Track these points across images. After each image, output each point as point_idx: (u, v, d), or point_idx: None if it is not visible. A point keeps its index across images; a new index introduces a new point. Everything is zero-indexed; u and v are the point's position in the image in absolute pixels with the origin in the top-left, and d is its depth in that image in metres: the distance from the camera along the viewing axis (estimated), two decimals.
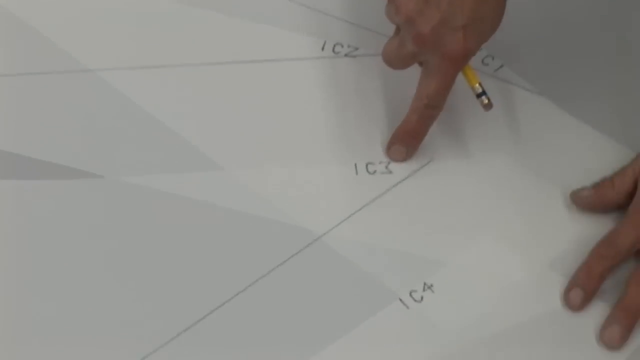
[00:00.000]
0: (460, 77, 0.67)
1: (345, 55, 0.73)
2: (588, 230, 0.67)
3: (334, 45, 0.74)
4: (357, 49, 0.73)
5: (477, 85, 0.67)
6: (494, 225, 0.67)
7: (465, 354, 0.62)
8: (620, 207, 0.67)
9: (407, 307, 0.63)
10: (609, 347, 0.63)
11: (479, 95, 0.68)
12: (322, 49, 0.74)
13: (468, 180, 0.69)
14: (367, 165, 0.69)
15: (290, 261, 0.65)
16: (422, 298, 0.64)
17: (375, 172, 0.69)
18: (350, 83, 0.73)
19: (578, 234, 0.67)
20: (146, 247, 0.65)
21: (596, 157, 0.70)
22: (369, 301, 0.63)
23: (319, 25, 0.75)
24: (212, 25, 0.76)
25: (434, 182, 0.69)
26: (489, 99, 0.67)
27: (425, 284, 0.64)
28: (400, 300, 0.63)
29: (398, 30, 0.67)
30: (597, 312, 0.64)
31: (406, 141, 0.69)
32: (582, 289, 0.65)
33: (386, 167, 0.69)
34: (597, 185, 0.68)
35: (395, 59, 0.68)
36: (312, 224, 0.67)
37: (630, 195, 0.67)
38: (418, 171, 0.69)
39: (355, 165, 0.69)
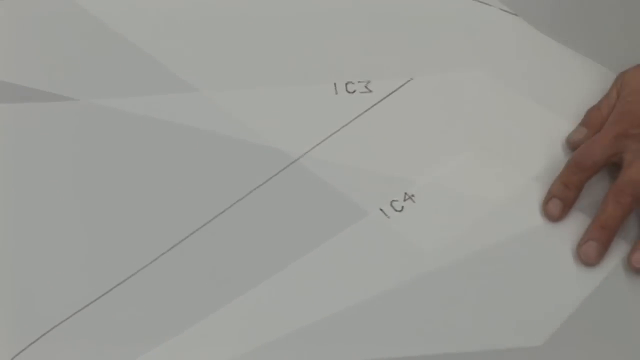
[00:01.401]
0: None
1: None
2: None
3: None
4: None
5: None
6: (475, 142, 0.67)
7: (445, 265, 0.62)
8: None
9: (388, 217, 0.63)
10: (585, 264, 0.63)
11: None
12: None
13: (448, 98, 0.69)
14: (346, 85, 0.69)
15: (269, 183, 0.65)
16: (402, 208, 0.64)
17: (354, 91, 0.69)
18: (329, 12, 0.72)
19: (558, 150, 0.67)
20: (120, 171, 0.65)
21: (574, 75, 0.70)
22: (350, 213, 0.63)
23: None
24: None
25: (414, 100, 0.69)
26: None
27: (406, 193, 0.64)
28: (381, 210, 0.64)
29: None
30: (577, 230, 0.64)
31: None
32: (560, 199, 0.65)
33: (365, 87, 0.69)
34: (587, 120, 0.68)
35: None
36: (290, 145, 0.66)
37: None
38: (398, 90, 0.69)
39: (335, 84, 0.69)
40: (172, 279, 0.61)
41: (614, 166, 0.65)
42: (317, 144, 0.67)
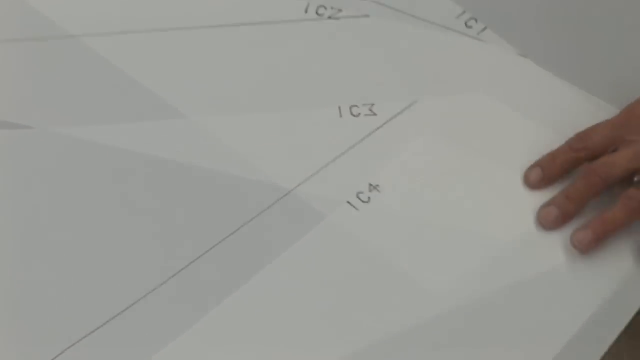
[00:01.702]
0: None
1: (329, 17, 0.74)
2: None
3: (317, 8, 0.75)
4: (340, 10, 0.75)
5: None
6: (477, 169, 0.67)
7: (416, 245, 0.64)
8: None
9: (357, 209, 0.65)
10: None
11: None
12: (306, 11, 0.75)
13: (452, 120, 0.69)
14: (350, 108, 0.69)
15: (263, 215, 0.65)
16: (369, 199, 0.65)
17: (359, 114, 0.69)
18: (334, 43, 0.74)
19: None
20: (93, 208, 0.65)
21: (574, 107, 0.71)
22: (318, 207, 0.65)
23: None
24: None
25: (418, 123, 0.69)
26: None
27: (370, 184, 0.66)
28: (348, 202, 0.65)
29: None
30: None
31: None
32: (542, 168, 0.66)
33: (370, 109, 0.69)
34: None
35: None
36: (290, 170, 0.67)
37: None
38: (402, 112, 0.69)
39: (339, 107, 0.69)
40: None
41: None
42: (322, 167, 0.66)
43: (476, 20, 0.75)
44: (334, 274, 0.62)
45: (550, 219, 0.65)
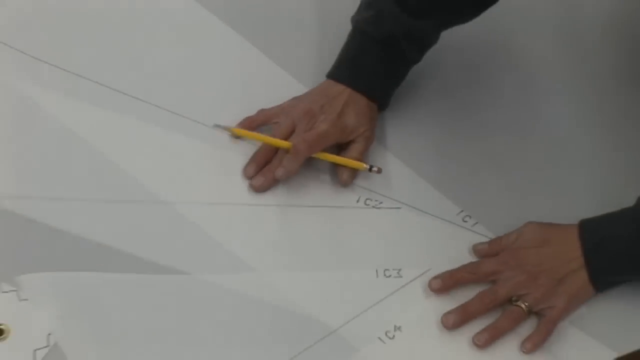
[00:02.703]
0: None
1: (373, 207, 1.08)
2: None
3: (365, 200, 1.08)
4: (381, 202, 1.08)
5: (365, 165, 1.06)
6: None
7: None
8: None
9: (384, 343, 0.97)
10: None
11: (370, 169, 1.06)
12: (357, 201, 1.08)
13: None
14: (384, 271, 1.02)
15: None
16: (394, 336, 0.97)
17: (390, 276, 1.02)
18: (376, 224, 1.07)
19: None
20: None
21: None
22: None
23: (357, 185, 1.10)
24: None
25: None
26: (378, 167, 1.07)
27: (395, 325, 0.98)
28: (379, 338, 0.97)
29: None
30: None
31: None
32: (442, 280, 1.00)
33: (398, 273, 1.02)
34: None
35: None
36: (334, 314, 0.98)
37: None
38: (420, 276, 1.02)
39: (376, 270, 1.02)
40: None
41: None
42: (362, 312, 0.99)
43: (470, 217, 1.08)
44: None
45: (449, 324, 0.97)
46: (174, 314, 0.97)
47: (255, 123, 1.10)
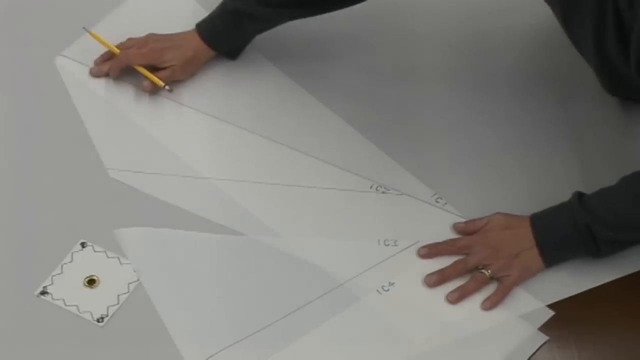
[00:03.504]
0: None
1: (382, 192, 1.41)
2: None
3: (377, 187, 1.42)
4: (388, 190, 1.41)
5: (162, 83, 1.48)
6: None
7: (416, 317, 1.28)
8: None
9: (380, 294, 1.30)
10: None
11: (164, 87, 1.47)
12: (370, 187, 1.42)
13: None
14: (385, 241, 1.36)
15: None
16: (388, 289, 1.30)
17: (389, 244, 1.35)
18: (382, 206, 1.40)
19: None
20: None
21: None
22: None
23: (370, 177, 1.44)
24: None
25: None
26: (170, 87, 1.48)
27: (389, 282, 1.31)
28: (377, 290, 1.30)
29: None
30: None
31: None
32: (428, 249, 1.34)
33: (394, 243, 1.36)
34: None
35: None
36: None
37: None
38: (410, 247, 1.35)
39: (378, 240, 1.36)
40: None
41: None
42: (364, 271, 1.33)
43: (441, 198, 1.40)
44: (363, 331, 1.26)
45: (430, 282, 1.29)
46: (229, 261, 1.33)
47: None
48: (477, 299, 1.29)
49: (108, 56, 1.54)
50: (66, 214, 1.36)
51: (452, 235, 1.36)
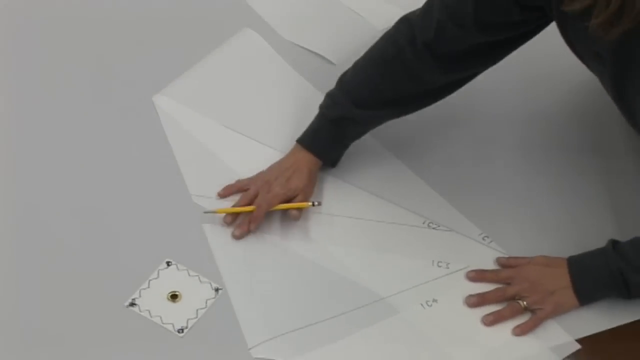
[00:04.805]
0: None
1: (433, 228, 1.57)
2: None
3: (428, 223, 1.58)
4: (438, 226, 1.57)
5: (309, 203, 1.53)
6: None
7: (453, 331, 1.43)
8: None
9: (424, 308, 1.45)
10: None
11: (313, 204, 1.53)
12: (422, 223, 1.58)
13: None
14: (438, 262, 1.52)
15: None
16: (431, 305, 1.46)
17: (441, 266, 1.51)
18: (434, 238, 1.56)
19: None
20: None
21: None
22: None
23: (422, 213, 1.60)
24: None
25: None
26: (318, 202, 1.55)
27: (433, 298, 1.46)
28: (421, 304, 1.46)
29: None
30: None
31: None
32: (475, 274, 1.48)
33: (447, 266, 1.51)
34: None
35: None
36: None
37: None
38: (461, 270, 1.51)
39: (432, 261, 1.52)
40: None
41: None
42: (409, 289, 1.49)
43: (487, 237, 1.54)
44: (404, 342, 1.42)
45: (470, 303, 1.43)
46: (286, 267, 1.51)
47: (232, 189, 1.58)
48: (511, 326, 1.44)
49: (229, 192, 1.58)
50: (154, 235, 1.50)
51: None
